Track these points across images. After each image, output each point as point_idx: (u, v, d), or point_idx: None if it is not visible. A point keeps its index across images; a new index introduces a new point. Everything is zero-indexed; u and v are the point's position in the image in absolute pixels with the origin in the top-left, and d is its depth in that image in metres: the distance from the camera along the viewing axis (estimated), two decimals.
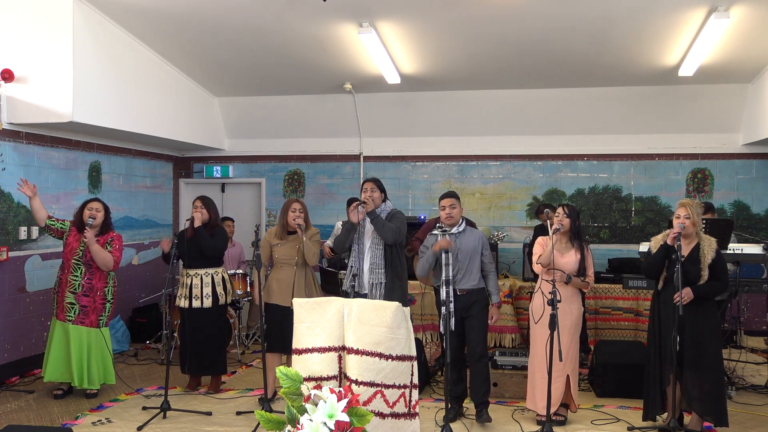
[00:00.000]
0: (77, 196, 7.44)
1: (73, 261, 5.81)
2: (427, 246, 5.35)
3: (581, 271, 5.17)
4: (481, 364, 5.23)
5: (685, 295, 4.64)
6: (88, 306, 5.82)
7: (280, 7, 6.25)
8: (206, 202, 6.03)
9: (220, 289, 6.01)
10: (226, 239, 6.25)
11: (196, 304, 5.91)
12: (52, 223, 5.93)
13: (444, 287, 5.13)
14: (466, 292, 5.20)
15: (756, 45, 6.89)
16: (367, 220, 5.38)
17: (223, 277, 6.10)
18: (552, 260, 5.05)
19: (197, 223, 5.89)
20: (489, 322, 5.27)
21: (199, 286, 5.94)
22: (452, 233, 5.26)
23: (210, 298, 5.94)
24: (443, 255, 5.15)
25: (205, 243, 5.88)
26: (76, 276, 5.80)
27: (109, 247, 5.84)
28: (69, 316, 5.78)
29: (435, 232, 5.31)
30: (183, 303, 5.97)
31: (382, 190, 5.46)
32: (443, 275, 5.16)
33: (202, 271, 5.97)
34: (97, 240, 5.77)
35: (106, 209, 5.96)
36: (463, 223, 5.35)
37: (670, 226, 5.00)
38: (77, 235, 5.82)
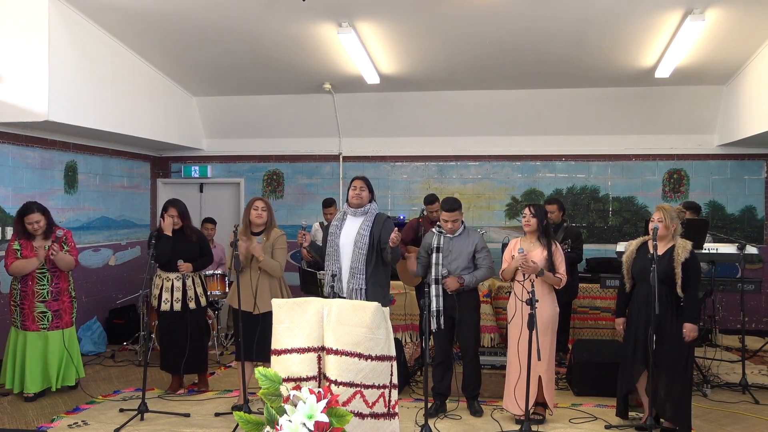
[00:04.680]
0: (53, 197, 7.36)
1: (37, 272, 5.75)
2: (425, 245, 5.46)
3: (549, 267, 5.22)
4: (473, 362, 5.43)
5: (691, 332, 4.76)
6: (60, 309, 5.86)
7: (259, 6, 6.22)
8: (181, 209, 6.00)
9: (200, 290, 6.03)
10: (208, 244, 6.24)
11: (192, 305, 5.93)
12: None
13: (432, 285, 5.29)
14: (454, 292, 5.31)
15: (730, 47, 6.99)
16: (346, 219, 5.30)
17: (200, 276, 6.12)
18: (515, 272, 5.24)
19: (168, 232, 5.89)
20: (448, 287, 5.29)
21: (192, 287, 5.96)
22: (448, 236, 5.41)
23: (204, 297, 6.04)
24: (434, 255, 5.35)
25: (204, 264, 6.07)
26: (43, 285, 5.77)
27: (66, 247, 5.83)
28: (43, 324, 5.76)
29: (434, 230, 5.48)
30: (165, 306, 5.89)
31: (371, 191, 5.36)
32: (433, 274, 5.33)
33: (192, 273, 6.00)
34: (52, 242, 5.74)
35: (45, 211, 5.81)
36: (462, 227, 5.47)
37: (646, 226, 5.09)
38: (32, 248, 5.72)
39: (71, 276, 6.01)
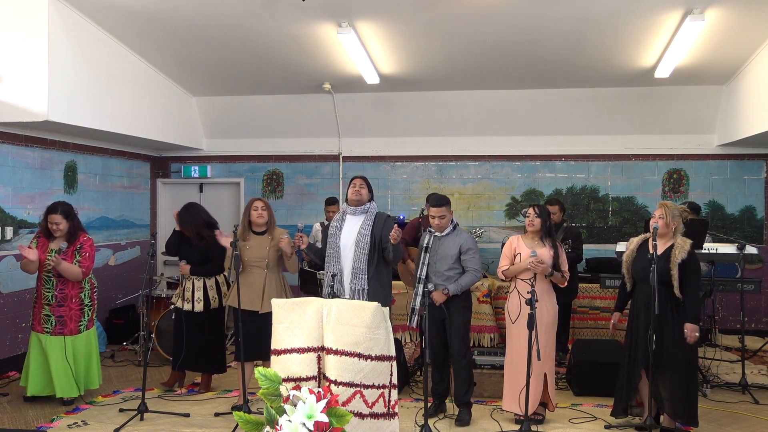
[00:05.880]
0: (53, 197, 7.34)
1: (44, 274, 5.63)
2: (420, 246, 5.39)
3: (556, 266, 5.22)
4: (461, 365, 5.26)
5: (692, 332, 4.71)
6: (65, 315, 5.63)
7: (259, 6, 6.22)
8: (181, 220, 6.02)
9: (213, 293, 6.00)
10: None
11: (187, 307, 5.96)
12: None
13: (418, 285, 5.23)
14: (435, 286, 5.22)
15: (730, 47, 6.99)
16: (345, 219, 5.27)
17: (217, 280, 6.06)
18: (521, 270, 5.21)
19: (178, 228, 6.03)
20: (433, 299, 5.14)
21: (191, 290, 5.97)
22: (436, 235, 5.31)
23: (201, 302, 5.96)
24: (422, 254, 5.28)
25: (208, 271, 6.00)
26: (49, 288, 5.62)
27: (78, 256, 5.61)
28: (46, 327, 5.61)
29: (429, 229, 5.39)
30: (179, 303, 6.04)
31: (370, 190, 5.32)
32: (418, 273, 5.27)
33: (193, 276, 6.00)
34: (68, 248, 5.60)
35: (69, 215, 5.68)
36: (449, 227, 5.32)
37: (646, 226, 5.09)
38: (46, 248, 5.62)
39: (86, 282, 5.75)
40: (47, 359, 5.62)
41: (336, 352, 3.71)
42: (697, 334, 4.73)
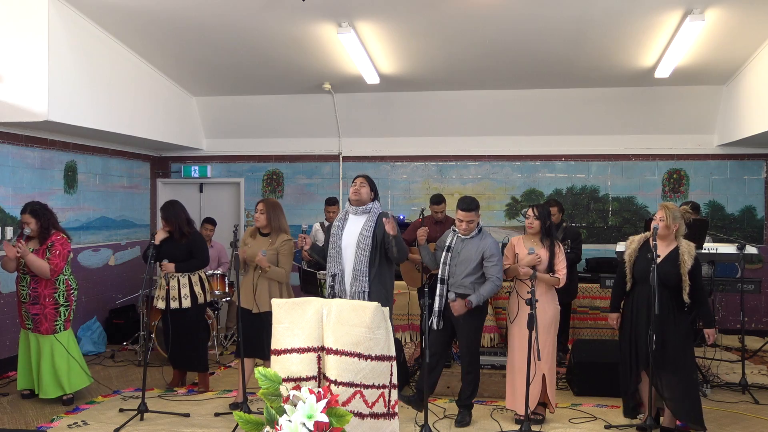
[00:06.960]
0: (53, 197, 7.36)
1: (20, 272, 5.66)
2: (441, 244, 5.36)
3: (550, 267, 5.21)
4: (467, 371, 5.26)
5: (713, 335, 4.97)
6: (39, 314, 5.59)
7: (259, 6, 6.22)
8: (165, 214, 6.07)
9: (198, 289, 6.05)
10: (201, 246, 6.16)
11: (174, 305, 5.95)
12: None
13: (438, 285, 5.19)
14: (457, 296, 5.17)
15: (730, 47, 6.99)
16: (347, 219, 5.23)
17: (200, 276, 6.13)
18: (518, 272, 5.19)
19: (157, 241, 5.97)
20: (455, 311, 5.09)
21: (177, 288, 5.97)
22: (460, 237, 5.25)
23: (189, 299, 5.99)
24: (444, 253, 5.23)
25: (191, 267, 6.05)
26: (23, 286, 5.65)
27: (48, 254, 5.55)
28: (28, 324, 5.66)
29: (453, 228, 5.32)
30: (160, 304, 6.01)
31: (373, 189, 5.22)
32: (439, 274, 5.22)
33: (178, 273, 6.01)
34: (40, 246, 5.59)
35: (38, 214, 5.63)
36: (476, 231, 5.22)
37: (646, 226, 5.09)
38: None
39: (62, 283, 5.67)
40: (30, 355, 5.72)
41: (336, 352, 3.71)
42: (715, 336, 5.00)
